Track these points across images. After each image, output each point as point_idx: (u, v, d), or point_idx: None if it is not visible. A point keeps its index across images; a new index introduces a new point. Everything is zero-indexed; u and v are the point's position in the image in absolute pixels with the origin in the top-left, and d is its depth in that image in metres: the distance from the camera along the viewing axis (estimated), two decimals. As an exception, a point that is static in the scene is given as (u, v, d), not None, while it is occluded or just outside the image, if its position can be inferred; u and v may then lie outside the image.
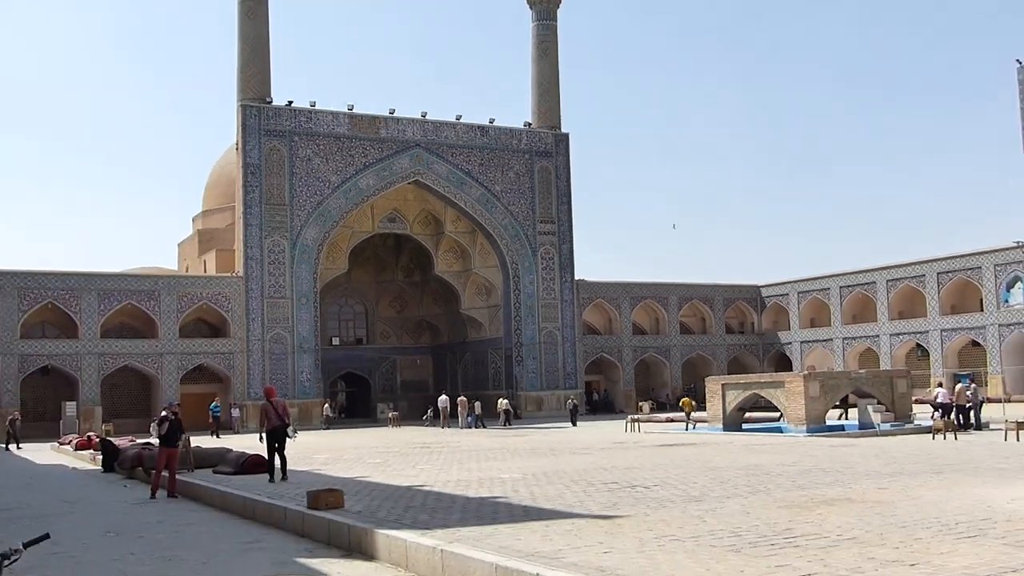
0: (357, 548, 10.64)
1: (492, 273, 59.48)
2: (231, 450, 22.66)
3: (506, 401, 48.67)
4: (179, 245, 69.93)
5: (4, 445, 39.15)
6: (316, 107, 54.59)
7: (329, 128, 54.58)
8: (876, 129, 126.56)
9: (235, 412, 47.71)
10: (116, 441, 28.04)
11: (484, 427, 44.41)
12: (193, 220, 68.66)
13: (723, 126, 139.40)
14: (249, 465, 19.68)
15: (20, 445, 39.11)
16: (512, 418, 47.10)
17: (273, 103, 53.50)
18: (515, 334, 58.43)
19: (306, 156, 53.62)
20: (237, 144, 53.15)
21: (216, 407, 45.32)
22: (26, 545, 4.73)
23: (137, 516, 15.28)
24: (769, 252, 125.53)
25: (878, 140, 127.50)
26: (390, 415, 51.39)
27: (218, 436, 41.23)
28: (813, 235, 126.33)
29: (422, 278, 63.57)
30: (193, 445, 22.36)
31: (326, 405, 52.09)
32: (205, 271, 59.27)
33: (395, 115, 56.51)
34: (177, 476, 18.45)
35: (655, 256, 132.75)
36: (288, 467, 18.15)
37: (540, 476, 16.71)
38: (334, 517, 11.76)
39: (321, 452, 27.08)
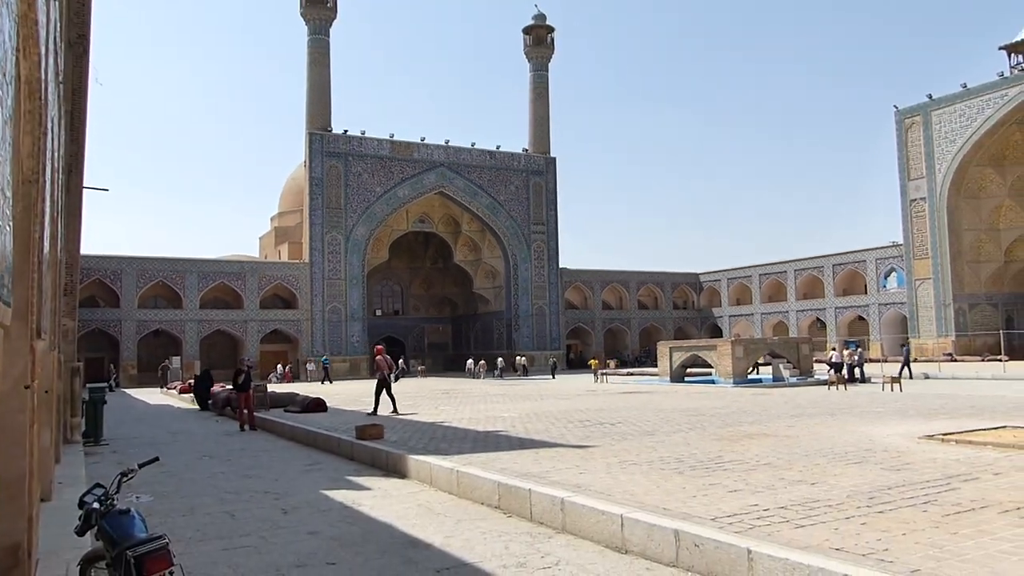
0: (394, 469, 10.55)
1: (497, 262, 59.39)
2: (298, 394, 22.52)
3: (523, 358, 48.64)
4: (260, 238, 69.58)
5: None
6: (365, 135, 54.21)
7: (375, 151, 54.21)
8: (794, 157, 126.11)
9: (310, 366, 47.61)
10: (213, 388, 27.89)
11: (503, 378, 44.43)
12: (271, 219, 68.28)
13: (674, 150, 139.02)
14: (312, 405, 19.55)
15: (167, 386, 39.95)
16: (526, 371, 46.71)
17: (332, 131, 53.16)
18: (514, 308, 58.45)
19: (357, 172, 53.29)
20: (305, 162, 52.81)
21: (326, 359, 46.19)
22: (140, 466, 4.63)
23: (226, 444, 15.16)
24: (707, 247, 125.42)
25: (796, 166, 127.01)
26: (419, 368, 51.25)
27: (330, 382, 41.66)
28: (741, 235, 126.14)
29: (444, 265, 63.36)
30: (269, 390, 22.24)
31: (400, 360, 52.62)
32: (280, 258, 59.07)
33: (425, 142, 56.14)
34: (256, 414, 18.33)
35: (620, 249, 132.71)
36: (361, 406, 18.03)
37: (531, 416, 16.58)
38: (376, 445, 11.66)
39: (368, 396, 26.92)
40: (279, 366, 48.02)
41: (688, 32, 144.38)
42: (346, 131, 53.58)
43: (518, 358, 48.66)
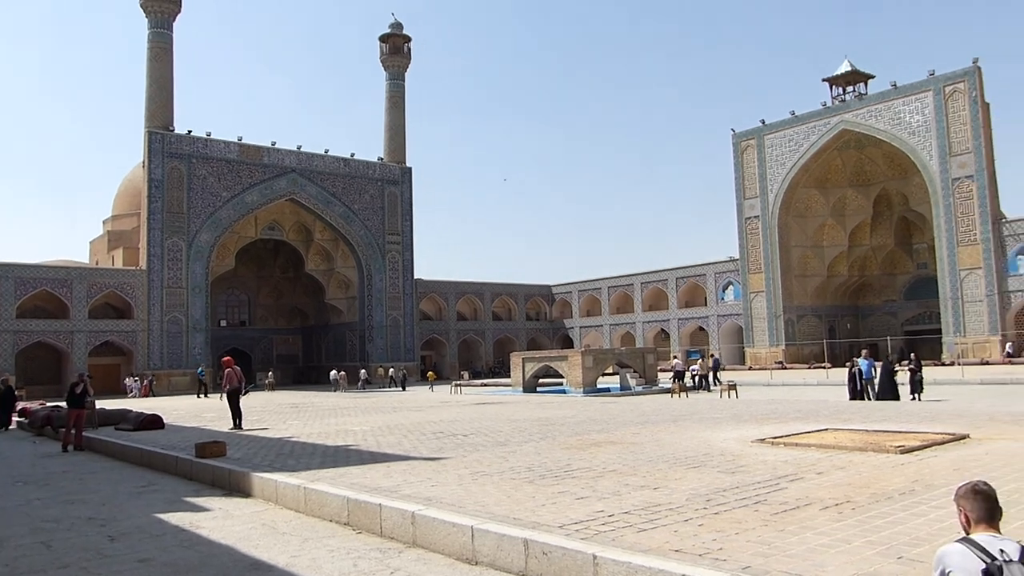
0: (236, 488, 10.06)
1: (351, 272, 58.31)
2: (131, 410, 21.07)
3: (393, 369, 47.73)
4: (91, 243, 64.65)
5: None
6: (211, 136, 51.78)
7: (221, 154, 51.87)
8: (645, 173, 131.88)
9: (142, 381, 44.63)
10: (27, 405, 25.61)
11: (364, 390, 43.48)
12: (104, 223, 63.63)
13: (530, 164, 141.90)
14: (147, 422, 18.34)
15: None
16: (405, 382, 45.71)
17: (175, 131, 50.41)
18: (367, 319, 57.57)
19: (202, 175, 50.76)
20: (144, 163, 49.69)
21: (201, 371, 43.25)
22: None
23: (45, 467, 13.92)
24: (559, 260, 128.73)
25: (646, 182, 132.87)
26: (267, 381, 49.39)
27: (206, 396, 38.99)
28: (591, 250, 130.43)
29: (295, 274, 61.47)
30: (97, 407, 20.66)
31: (269, 374, 50.92)
32: (113, 265, 55.11)
33: (276, 146, 54.36)
34: (84, 433, 16.98)
35: (475, 261, 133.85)
36: (169, 423, 17.07)
37: (384, 428, 16.34)
38: (218, 463, 11.08)
39: (208, 412, 25.63)
40: (137, 379, 44.84)
41: (545, 47, 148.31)
42: (190, 131, 50.96)
43: (391, 369, 47.75)
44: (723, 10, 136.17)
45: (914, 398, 21.16)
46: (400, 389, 43.24)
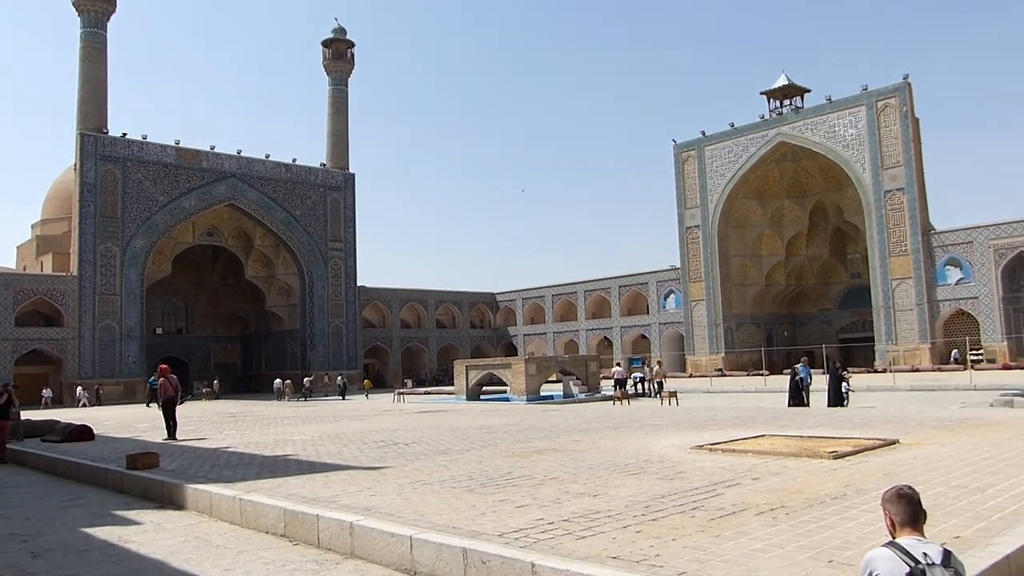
0: (169, 500, 9.78)
1: (292, 279, 57.50)
2: (59, 421, 20.32)
3: (342, 377, 47.18)
4: (18, 247, 62.37)
5: None
6: (147, 139, 50.52)
7: (158, 157, 50.66)
8: (590, 181, 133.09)
9: (80, 391, 43.17)
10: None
11: (307, 399, 42.74)
12: (32, 227, 61.56)
13: (475, 172, 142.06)
14: (76, 433, 17.71)
15: None
16: (346, 390, 44.92)
17: (108, 133, 49.02)
18: (309, 326, 56.82)
19: (137, 179, 49.47)
20: (76, 166, 48.16)
21: (153, 380, 41.24)
22: None
23: (-34, 480, 13.32)
24: (503, 268, 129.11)
25: (591, 191, 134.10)
26: (204, 390, 48.28)
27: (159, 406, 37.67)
28: (535, 258, 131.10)
29: (235, 281, 60.30)
30: (23, 418, 19.87)
31: (215, 382, 50.03)
32: (42, 270, 53.24)
33: (215, 151, 53.33)
34: (7, 445, 16.30)
35: (419, 268, 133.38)
36: (100, 434, 16.54)
37: (324, 438, 16.09)
38: (149, 475, 10.76)
39: (142, 422, 24.90)
40: (79, 389, 43.29)
41: (491, 57, 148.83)
42: (125, 134, 49.67)
43: (339, 377, 47.10)
44: (666, 22, 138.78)
45: (842, 404, 21.59)
46: (340, 398, 42.66)
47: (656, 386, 30.36)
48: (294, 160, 57.26)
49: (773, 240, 56.35)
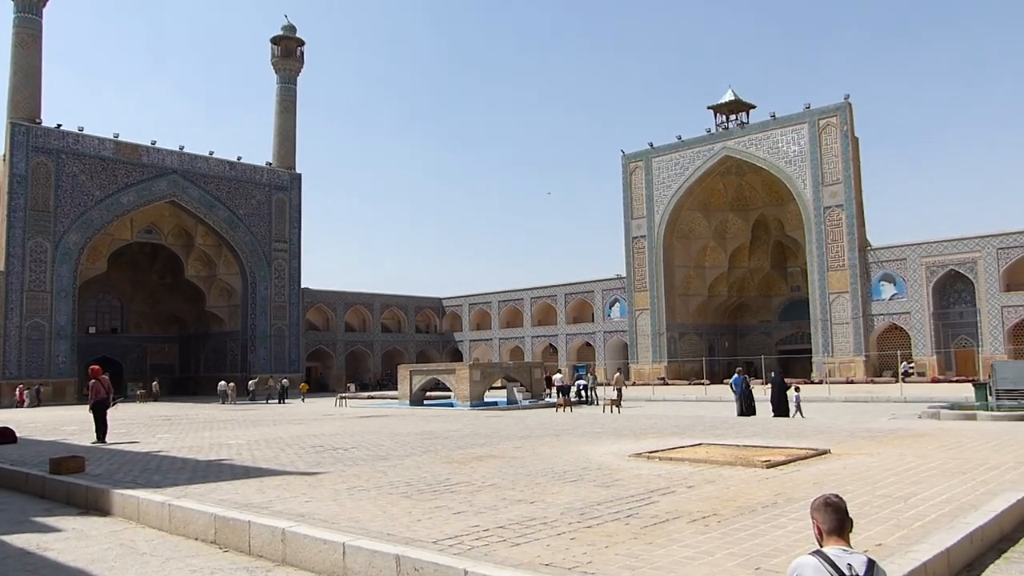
0: (94, 506, 9.47)
1: (234, 279, 56.37)
2: (-19, 422, 19.53)
3: (286, 380, 46.11)
4: (-57, 241, 59.89)
5: None
6: (84, 131, 49.04)
7: (95, 151, 49.20)
8: (539, 188, 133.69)
9: (24, 391, 41.70)
10: None
11: (255, 401, 41.91)
12: (-41, 220, 59.16)
13: (421, 177, 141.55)
14: (-4, 435, 17.04)
15: None
16: (285, 394, 44.02)
17: (42, 124, 47.46)
18: (251, 328, 55.80)
19: (72, 172, 47.94)
20: (4, 156, 46.43)
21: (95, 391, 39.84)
22: None
23: None
24: (451, 273, 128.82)
25: (537, 199, 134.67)
26: (139, 392, 47.02)
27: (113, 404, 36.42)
28: (482, 263, 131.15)
29: (174, 280, 58.81)
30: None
31: (155, 384, 48.69)
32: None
33: (156, 146, 52.07)
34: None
35: (365, 271, 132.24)
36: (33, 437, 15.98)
37: (261, 442, 15.82)
38: (74, 480, 10.39)
39: (70, 424, 24.11)
40: (19, 388, 41.71)
41: (443, 63, 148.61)
42: (60, 125, 48.15)
43: (283, 380, 46.27)
44: (618, 34, 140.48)
45: (787, 414, 22.00)
46: (278, 402, 41.88)
47: (616, 393, 30.59)
48: (239, 158, 56.28)
49: (717, 252, 57.41)
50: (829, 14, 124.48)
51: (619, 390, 30.65)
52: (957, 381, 40.56)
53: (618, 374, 33.34)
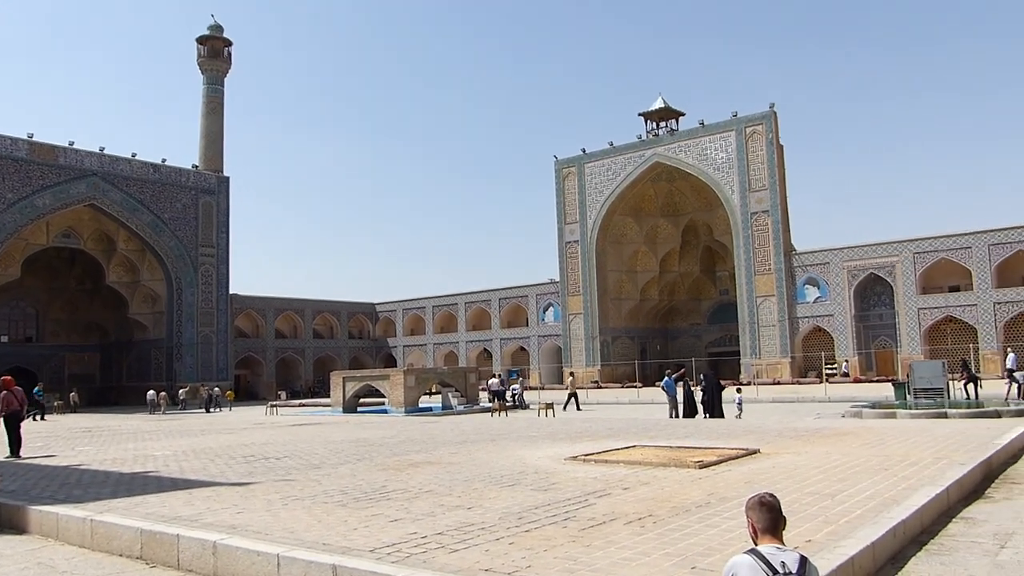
0: (9, 524, 9.01)
1: (159, 285, 54.64)
2: None
3: (218, 388, 44.64)
4: None
5: None
6: (-5, 131, 46.97)
7: (7, 151, 47.08)
8: (470, 195, 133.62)
9: None
10: None
11: (186, 410, 40.62)
12: None
13: (353, 181, 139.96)
14: (-97, 451, 16.09)
15: None
16: (211, 402, 42.64)
17: (-49, 124, 45.25)
18: (176, 336, 54.15)
19: (-17, 174, 45.81)
20: (-90, 157, 44.11)
21: (39, 391, 37.92)
22: None
23: None
24: (384, 278, 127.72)
25: (475, 203, 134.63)
26: (56, 403, 45.09)
27: (42, 419, 34.56)
28: (417, 268, 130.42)
29: (94, 286, 56.65)
30: None
31: (73, 394, 46.84)
32: None
33: (74, 146, 50.11)
34: None
35: (298, 276, 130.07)
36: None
37: (189, 453, 15.36)
38: (-14, 497, 9.89)
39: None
40: None
41: (376, 66, 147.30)
42: (-30, 125, 45.92)
43: (215, 388, 44.89)
44: (551, 40, 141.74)
45: (692, 415, 22.32)
46: (205, 411, 40.75)
47: (571, 397, 30.74)
48: (164, 160, 54.63)
49: (648, 256, 58.39)
50: (756, 25, 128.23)
51: (574, 393, 30.85)
52: (878, 381, 42.18)
53: (571, 377, 33.58)
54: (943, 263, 45.24)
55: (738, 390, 23.88)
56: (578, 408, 29.56)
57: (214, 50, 59.09)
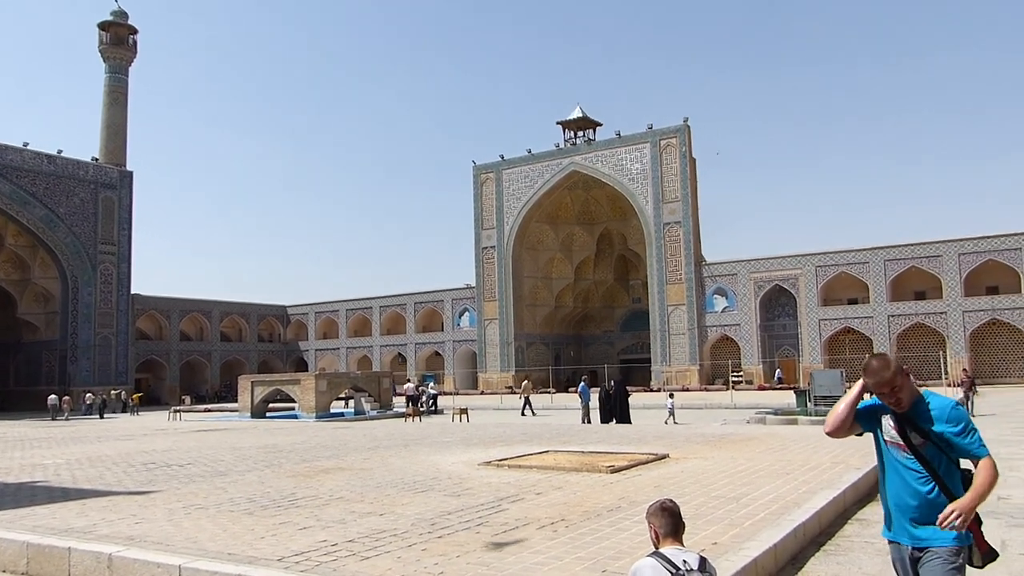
0: None
1: (52, 284, 51.90)
2: None
3: (124, 392, 42.45)
4: None
5: None
6: None
7: None
8: (385, 198, 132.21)
9: None
10: None
11: (88, 416, 38.64)
12: None
13: (267, 181, 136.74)
14: None
15: None
16: (101, 408, 40.80)
17: None
18: (71, 337, 51.48)
19: None
20: None
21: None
22: None
23: None
24: (296, 280, 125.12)
25: (387, 206, 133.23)
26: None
27: None
28: (329, 271, 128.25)
29: (-21, 283, 53.40)
30: None
31: None
32: None
33: (-39, 134, 47.25)
34: None
35: (206, 276, 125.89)
36: None
37: (83, 460, 14.66)
38: None
39: None
40: None
41: (293, 65, 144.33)
42: None
43: (123, 392, 42.81)
44: (472, 46, 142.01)
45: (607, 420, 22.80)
46: (98, 417, 38.88)
47: (524, 400, 30.64)
48: (60, 151, 51.95)
49: (563, 264, 59.11)
50: (674, 40, 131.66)
51: (527, 398, 30.79)
52: (781, 388, 43.82)
53: (526, 382, 33.47)
54: (843, 276, 47.46)
55: (670, 396, 24.42)
56: (533, 413, 29.72)
57: (117, 37, 56.69)
